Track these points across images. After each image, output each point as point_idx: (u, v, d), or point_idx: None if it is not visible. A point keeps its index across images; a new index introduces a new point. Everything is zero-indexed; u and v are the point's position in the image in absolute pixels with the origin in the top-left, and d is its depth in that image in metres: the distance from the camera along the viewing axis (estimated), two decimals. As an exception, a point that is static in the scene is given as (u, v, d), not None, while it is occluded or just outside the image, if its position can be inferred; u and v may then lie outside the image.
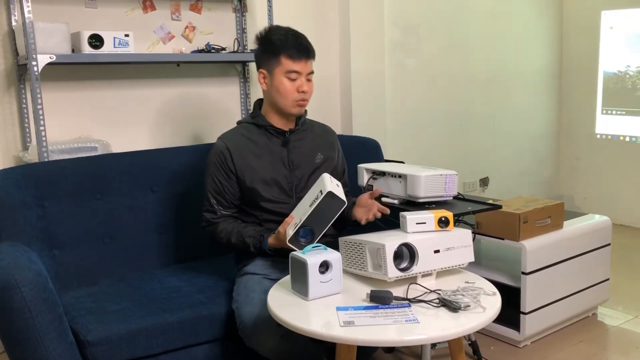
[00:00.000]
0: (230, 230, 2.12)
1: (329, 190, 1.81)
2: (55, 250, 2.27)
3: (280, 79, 2.11)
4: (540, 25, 4.67)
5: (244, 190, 2.15)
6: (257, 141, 2.17)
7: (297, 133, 2.22)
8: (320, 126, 2.35)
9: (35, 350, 1.74)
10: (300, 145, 2.22)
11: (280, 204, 2.14)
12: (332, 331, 1.52)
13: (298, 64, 2.09)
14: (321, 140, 2.29)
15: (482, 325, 1.57)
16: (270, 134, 2.18)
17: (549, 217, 2.68)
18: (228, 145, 2.14)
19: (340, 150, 2.37)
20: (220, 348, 2.09)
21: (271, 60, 2.12)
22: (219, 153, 2.15)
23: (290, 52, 2.08)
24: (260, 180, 2.13)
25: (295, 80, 2.10)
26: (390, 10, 3.68)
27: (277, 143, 2.18)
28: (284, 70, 2.09)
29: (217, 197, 2.15)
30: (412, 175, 2.10)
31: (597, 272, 2.90)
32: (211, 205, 2.15)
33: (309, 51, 2.12)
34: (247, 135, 2.18)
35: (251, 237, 2.07)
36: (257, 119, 2.19)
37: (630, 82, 4.48)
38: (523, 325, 2.61)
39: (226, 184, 2.14)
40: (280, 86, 2.11)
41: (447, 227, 1.86)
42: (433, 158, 3.98)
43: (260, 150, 2.16)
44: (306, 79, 2.13)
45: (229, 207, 2.16)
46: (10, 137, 2.61)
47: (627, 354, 2.60)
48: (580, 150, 4.87)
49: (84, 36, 2.46)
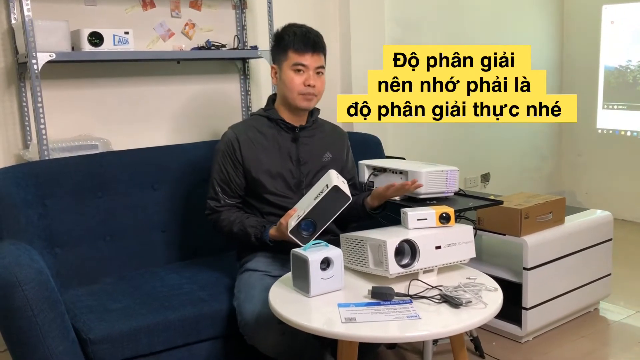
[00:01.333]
0: (233, 219, 2.12)
1: (335, 184, 1.81)
2: (56, 249, 2.27)
3: (287, 72, 2.14)
4: (541, 20, 4.66)
5: (249, 180, 2.16)
6: (266, 134, 2.19)
7: (307, 130, 2.24)
8: (332, 126, 2.36)
9: (37, 348, 1.74)
10: (310, 142, 2.23)
11: (284, 198, 2.15)
12: (333, 328, 1.52)
13: (304, 57, 2.11)
14: (331, 139, 2.30)
15: (484, 321, 1.57)
16: (281, 128, 2.20)
17: (550, 212, 2.68)
18: (238, 136, 2.16)
19: (350, 154, 2.38)
20: (222, 345, 2.09)
21: (280, 55, 2.16)
22: (228, 142, 2.16)
23: (296, 46, 2.11)
24: (265, 172, 2.14)
25: (302, 73, 2.12)
26: (390, 8, 3.67)
27: (286, 138, 2.20)
28: (290, 64, 2.13)
29: (222, 186, 2.16)
30: (413, 171, 2.10)
31: (598, 267, 2.90)
32: (216, 193, 2.16)
33: (316, 45, 2.13)
34: (258, 127, 2.20)
35: (253, 226, 2.07)
36: (269, 112, 2.22)
37: (631, 76, 4.47)
38: (525, 320, 2.60)
39: (233, 174, 2.15)
40: (287, 79, 2.13)
41: (449, 223, 1.85)
42: (434, 154, 3.97)
43: (269, 143, 2.18)
44: (315, 72, 2.14)
45: (234, 196, 2.17)
46: (11, 136, 2.61)
47: (628, 349, 2.60)
48: (581, 145, 4.87)
49: (83, 34, 2.45)
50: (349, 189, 1.87)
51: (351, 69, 3.47)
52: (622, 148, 4.60)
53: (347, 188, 1.87)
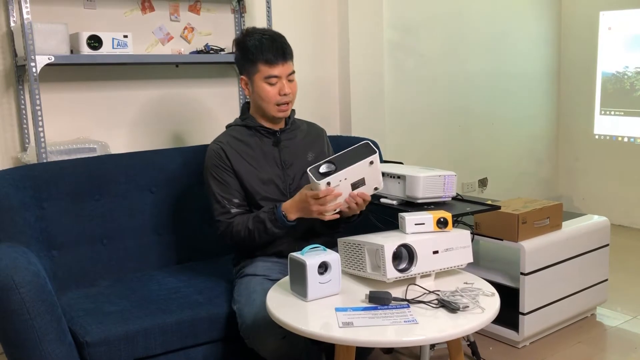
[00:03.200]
0: (246, 219, 2.07)
1: (367, 141, 1.83)
2: (53, 251, 2.27)
3: (260, 85, 2.10)
4: (538, 26, 4.68)
5: (244, 190, 2.15)
6: (249, 142, 2.17)
7: (287, 132, 2.22)
8: (308, 124, 2.34)
9: (34, 351, 1.74)
10: (291, 144, 2.22)
11: (278, 202, 2.14)
12: (331, 332, 1.52)
13: (276, 69, 2.08)
14: (310, 138, 2.29)
15: (481, 326, 1.57)
16: (261, 134, 2.18)
17: (547, 217, 2.68)
18: (223, 147, 2.14)
19: (331, 149, 2.35)
20: (219, 349, 2.08)
21: (249, 67, 2.11)
22: (215, 155, 2.14)
23: (266, 57, 2.06)
24: (257, 180, 2.13)
25: (276, 85, 2.09)
26: (389, 11, 3.68)
27: (268, 143, 2.18)
28: (262, 77, 2.09)
29: (226, 197, 2.12)
30: (410, 176, 2.10)
31: (595, 272, 2.90)
32: (223, 206, 2.11)
33: (285, 53, 2.09)
34: (239, 137, 2.18)
35: (265, 212, 2.04)
36: (247, 121, 2.20)
37: (628, 82, 4.49)
38: (522, 325, 2.61)
39: (231, 181, 2.12)
40: (262, 92, 2.10)
41: (446, 227, 1.86)
42: (432, 159, 3.98)
43: (254, 152, 2.16)
44: (287, 79, 2.12)
45: (241, 204, 2.13)
46: (9, 138, 2.61)
47: (625, 355, 2.60)
48: (578, 151, 4.88)
49: (82, 37, 2.46)
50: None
51: (349, 74, 3.48)
52: (619, 154, 4.61)
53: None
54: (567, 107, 4.89)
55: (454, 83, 4.13)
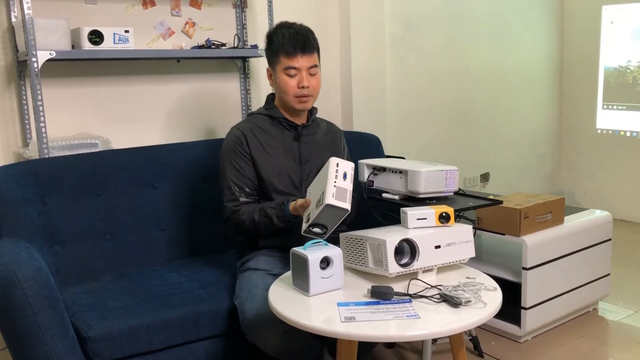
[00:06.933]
0: (252, 209, 2.09)
1: (327, 203, 1.73)
2: (56, 247, 2.27)
3: (280, 75, 2.14)
4: (541, 20, 4.66)
5: (258, 179, 2.15)
6: (271, 133, 2.19)
7: (308, 128, 2.25)
8: (328, 124, 2.37)
9: (37, 346, 1.75)
10: (311, 140, 2.24)
11: (290, 196, 2.14)
12: (333, 327, 1.52)
13: (294, 60, 2.11)
14: (329, 138, 2.31)
15: (483, 321, 1.57)
16: (283, 127, 2.21)
17: (549, 212, 2.68)
18: (244, 133, 2.16)
19: (347, 152, 2.38)
20: (222, 344, 2.09)
21: (273, 58, 2.16)
22: (235, 140, 2.16)
23: (286, 49, 2.10)
24: (274, 171, 2.15)
25: (295, 76, 2.12)
26: (390, 6, 3.67)
27: (289, 136, 2.21)
28: (282, 67, 2.13)
29: (238, 184, 2.13)
30: (412, 170, 2.10)
31: (597, 267, 2.90)
32: (232, 193, 2.12)
33: (305, 45, 2.11)
34: (262, 126, 2.20)
35: (272, 207, 2.05)
36: (271, 111, 2.22)
37: (631, 77, 4.47)
38: (524, 320, 2.61)
39: (246, 168, 2.14)
40: (281, 83, 2.14)
41: (448, 222, 1.86)
42: (434, 153, 3.98)
43: (274, 142, 2.18)
44: (308, 73, 2.13)
45: (250, 194, 2.14)
46: (11, 134, 2.61)
47: (627, 349, 2.60)
48: (581, 145, 4.87)
49: (83, 32, 2.45)
50: (350, 188, 1.78)
51: (351, 68, 3.47)
52: (621, 148, 4.60)
53: (349, 187, 1.78)
54: (569, 101, 4.88)
55: (456, 77, 4.12)
